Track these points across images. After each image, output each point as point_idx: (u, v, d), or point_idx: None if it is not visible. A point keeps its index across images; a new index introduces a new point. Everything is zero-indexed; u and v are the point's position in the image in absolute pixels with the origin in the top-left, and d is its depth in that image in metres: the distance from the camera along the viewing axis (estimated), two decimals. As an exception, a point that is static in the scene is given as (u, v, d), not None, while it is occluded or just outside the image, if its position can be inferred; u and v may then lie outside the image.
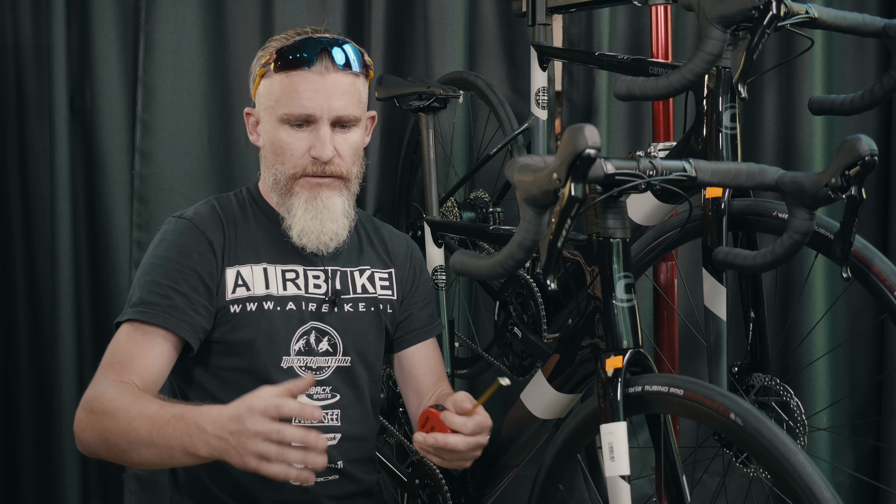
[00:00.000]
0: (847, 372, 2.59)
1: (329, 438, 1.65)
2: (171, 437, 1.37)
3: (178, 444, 1.37)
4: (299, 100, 1.61)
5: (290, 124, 1.63)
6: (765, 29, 1.38)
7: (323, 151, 1.61)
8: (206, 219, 1.67)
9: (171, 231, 1.65)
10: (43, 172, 2.58)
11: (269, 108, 1.65)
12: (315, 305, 1.67)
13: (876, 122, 2.56)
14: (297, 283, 1.68)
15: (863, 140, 1.23)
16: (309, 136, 1.63)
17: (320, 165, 1.62)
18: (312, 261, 1.70)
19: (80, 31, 2.55)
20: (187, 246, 1.62)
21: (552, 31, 2.20)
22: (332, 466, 1.67)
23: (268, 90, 1.66)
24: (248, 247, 1.67)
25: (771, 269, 1.39)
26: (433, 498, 1.82)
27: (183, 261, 1.61)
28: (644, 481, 2.45)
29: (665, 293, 2.09)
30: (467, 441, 1.50)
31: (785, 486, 1.15)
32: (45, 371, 2.59)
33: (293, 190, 1.64)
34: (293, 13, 2.51)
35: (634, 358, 1.33)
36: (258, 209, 1.72)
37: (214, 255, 1.63)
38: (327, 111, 1.61)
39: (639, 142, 2.57)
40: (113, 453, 1.45)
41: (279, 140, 1.64)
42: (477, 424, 1.51)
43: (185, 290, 1.59)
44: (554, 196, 1.14)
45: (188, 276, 1.60)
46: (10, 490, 2.62)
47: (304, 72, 1.61)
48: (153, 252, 1.64)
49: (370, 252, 1.79)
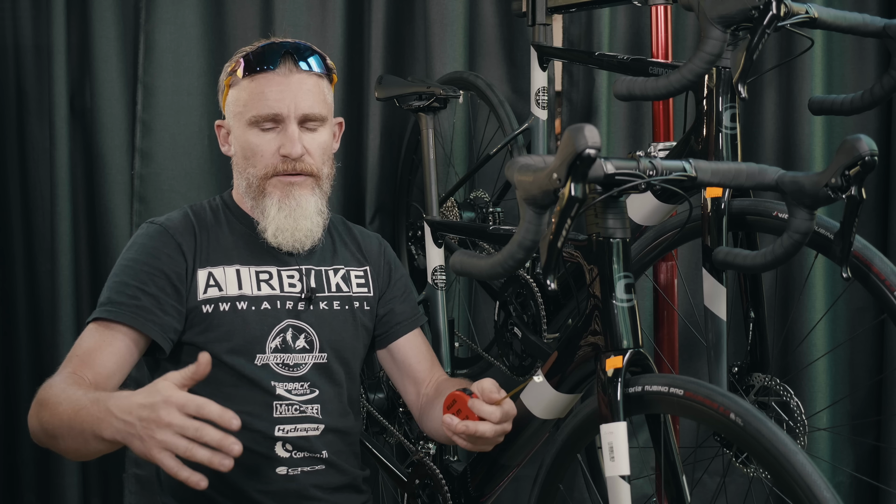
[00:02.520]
0: (847, 372, 2.59)
1: (312, 429, 1.70)
2: (84, 420, 1.38)
3: (88, 428, 1.37)
4: (265, 101, 1.66)
5: (258, 127, 1.68)
6: (765, 29, 1.38)
7: (293, 148, 1.66)
8: (177, 223, 1.71)
9: (143, 235, 1.71)
10: (43, 172, 2.58)
11: (238, 114, 1.70)
12: (291, 303, 1.71)
13: (876, 122, 2.56)
14: (272, 283, 1.71)
15: (863, 140, 1.23)
16: (277, 137, 1.68)
17: (290, 163, 1.67)
18: (286, 261, 1.74)
19: (80, 31, 2.54)
20: (156, 248, 1.67)
21: (552, 31, 2.20)
22: (318, 456, 1.70)
23: (235, 97, 1.71)
24: (220, 250, 1.71)
25: (771, 269, 1.39)
26: (433, 498, 1.82)
27: (151, 262, 1.65)
28: (644, 481, 2.45)
29: (665, 293, 2.09)
30: (495, 429, 1.50)
31: (785, 486, 1.15)
32: (45, 371, 2.58)
33: (265, 191, 1.68)
34: (293, 13, 2.51)
35: (634, 358, 1.33)
36: (231, 214, 1.76)
37: (184, 257, 1.67)
38: (294, 109, 1.66)
39: (639, 142, 2.57)
40: (50, 441, 1.47)
41: (249, 143, 1.69)
42: (504, 413, 1.51)
43: (152, 291, 1.63)
44: (554, 196, 1.14)
45: (156, 277, 1.64)
46: (10, 490, 2.62)
47: (269, 73, 1.67)
48: (124, 256, 1.70)
49: (344, 251, 1.83)
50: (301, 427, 1.69)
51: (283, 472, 1.67)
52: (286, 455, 1.68)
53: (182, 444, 1.26)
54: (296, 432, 1.68)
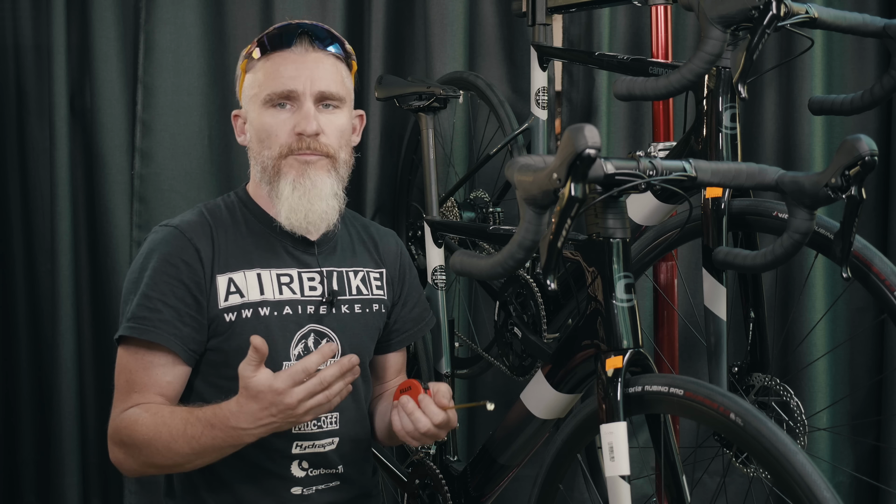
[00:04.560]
0: (847, 372, 2.59)
1: (328, 443, 1.67)
2: (213, 445, 1.48)
3: (222, 446, 1.49)
4: (280, 78, 1.62)
5: (273, 105, 1.62)
6: (765, 29, 1.38)
7: (308, 125, 1.60)
8: (193, 225, 1.64)
9: (158, 241, 1.63)
10: (43, 172, 2.58)
11: (253, 96, 1.65)
12: (313, 308, 1.66)
13: (876, 122, 2.56)
14: (293, 287, 1.66)
15: (863, 140, 1.23)
16: (293, 116, 1.62)
17: (305, 141, 1.61)
18: (307, 263, 1.68)
19: (80, 31, 2.55)
20: (173, 256, 1.60)
21: (552, 31, 2.20)
22: (333, 472, 1.68)
23: (251, 81, 1.67)
24: (239, 253, 1.64)
25: (771, 269, 1.39)
26: (433, 498, 1.82)
27: (170, 272, 1.59)
28: (644, 481, 2.45)
29: (665, 293, 2.09)
30: (430, 428, 1.57)
31: (785, 486, 1.15)
32: (45, 371, 2.59)
33: (280, 171, 1.62)
34: (293, 13, 2.51)
35: (634, 358, 1.33)
36: (248, 212, 1.69)
37: (202, 264, 1.61)
38: (310, 86, 1.62)
39: (639, 142, 2.57)
40: (163, 471, 1.58)
41: (264, 124, 1.63)
42: (444, 421, 1.58)
43: (173, 303, 1.58)
44: (554, 196, 1.14)
45: (175, 287, 1.59)
46: (10, 490, 2.62)
47: (284, 52, 1.63)
48: (142, 263, 1.62)
49: (363, 252, 1.78)
50: (318, 443, 1.66)
51: (298, 491, 1.64)
52: (301, 474, 1.65)
53: (321, 397, 1.44)
54: (313, 448, 1.65)
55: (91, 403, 2.59)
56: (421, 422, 1.56)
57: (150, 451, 1.51)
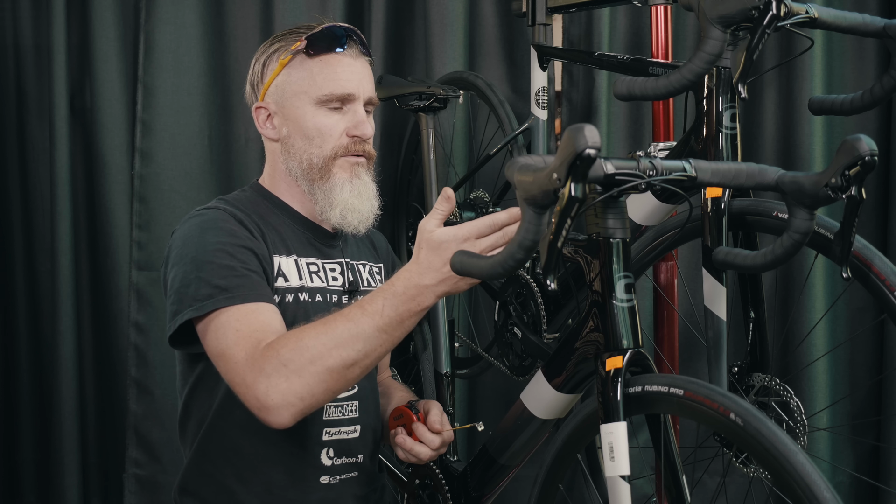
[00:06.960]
0: (847, 372, 2.59)
1: (352, 431, 1.70)
2: (396, 316, 1.41)
3: (404, 316, 1.42)
4: (338, 80, 1.65)
5: (327, 106, 1.66)
6: (765, 29, 1.38)
7: (366, 129, 1.66)
8: (233, 210, 1.63)
9: (211, 219, 1.59)
10: (43, 172, 2.58)
11: (301, 93, 1.66)
12: (336, 297, 1.70)
13: (876, 122, 2.56)
14: (320, 275, 1.70)
15: (863, 140, 1.23)
16: (345, 118, 1.66)
17: (360, 144, 1.67)
18: (329, 254, 1.73)
19: (80, 31, 2.55)
20: (233, 231, 1.57)
21: (552, 31, 2.20)
22: (355, 461, 1.70)
23: (298, 77, 1.67)
24: (277, 238, 1.66)
25: (771, 269, 1.39)
26: (433, 498, 1.82)
27: (238, 242, 1.56)
28: (644, 481, 2.45)
29: (665, 293, 2.09)
30: (431, 454, 1.69)
31: (785, 486, 1.15)
32: (45, 371, 2.59)
33: (331, 171, 1.66)
34: (293, 13, 2.51)
35: (634, 358, 1.33)
36: (271, 203, 1.71)
37: (264, 242, 1.61)
38: (363, 91, 1.68)
39: (639, 142, 2.57)
40: (333, 381, 1.43)
41: (316, 123, 1.65)
42: (443, 443, 1.70)
43: (255, 268, 1.56)
44: (554, 196, 1.14)
45: (249, 257, 1.56)
46: (10, 490, 2.62)
47: (338, 55, 1.67)
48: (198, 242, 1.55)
49: (365, 247, 1.84)
50: (344, 430, 1.68)
51: (326, 480, 1.66)
52: (329, 463, 1.66)
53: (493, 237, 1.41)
54: (339, 435, 1.67)
55: (91, 403, 2.59)
56: (422, 453, 1.68)
57: (327, 350, 1.41)
